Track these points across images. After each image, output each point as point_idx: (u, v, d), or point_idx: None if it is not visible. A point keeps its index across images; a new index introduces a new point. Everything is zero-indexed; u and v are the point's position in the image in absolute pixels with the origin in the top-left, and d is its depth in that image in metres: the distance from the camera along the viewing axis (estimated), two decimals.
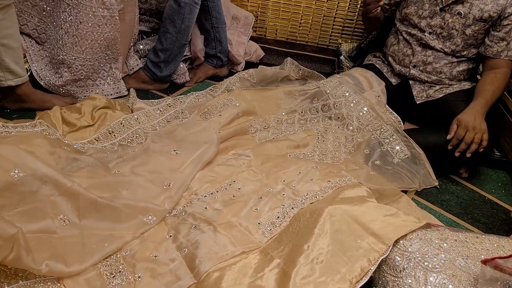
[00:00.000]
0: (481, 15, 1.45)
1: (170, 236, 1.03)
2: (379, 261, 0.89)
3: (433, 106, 1.60)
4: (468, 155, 1.36)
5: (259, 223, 1.07)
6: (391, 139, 1.48)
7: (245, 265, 0.94)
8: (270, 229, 1.05)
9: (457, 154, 1.38)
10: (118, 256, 0.96)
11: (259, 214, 1.10)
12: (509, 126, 1.55)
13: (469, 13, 1.46)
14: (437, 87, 1.61)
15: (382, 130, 1.50)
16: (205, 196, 1.17)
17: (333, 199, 1.10)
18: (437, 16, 1.51)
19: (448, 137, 1.39)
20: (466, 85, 1.60)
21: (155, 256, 0.97)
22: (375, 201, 1.09)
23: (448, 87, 1.60)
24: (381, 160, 1.45)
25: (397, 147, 1.46)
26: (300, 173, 1.26)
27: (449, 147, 1.39)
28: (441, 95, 1.59)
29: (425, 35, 1.55)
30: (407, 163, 1.43)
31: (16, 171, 0.93)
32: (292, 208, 1.11)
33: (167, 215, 1.10)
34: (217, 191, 1.19)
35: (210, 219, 1.05)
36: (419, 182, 1.40)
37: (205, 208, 1.11)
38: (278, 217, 1.08)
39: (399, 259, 0.89)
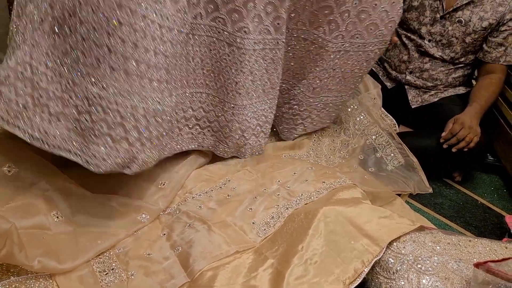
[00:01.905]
0: (481, 23, 1.45)
1: (164, 234, 1.03)
2: (372, 263, 0.89)
3: (428, 110, 1.61)
4: (454, 150, 1.38)
5: (253, 223, 1.06)
6: (386, 145, 1.49)
7: (239, 264, 0.94)
8: (265, 229, 1.05)
9: (445, 146, 1.39)
10: (111, 253, 0.96)
11: (253, 214, 1.09)
12: (503, 130, 1.56)
13: (470, 21, 1.46)
14: (432, 92, 1.61)
15: (377, 135, 1.50)
16: (200, 195, 1.16)
17: (328, 200, 1.10)
18: (438, 23, 1.52)
19: (443, 134, 1.40)
20: (461, 90, 1.61)
21: (149, 254, 0.96)
22: (370, 203, 1.09)
23: (443, 91, 1.61)
24: (375, 167, 1.45)
25: (392, 154, 1.47)
26: (295, 173, 1.26)
27: (441, 140, 1.40)
28: (436, 99, 1.60)
29: (425, 42, 1.55)
30: (401, 170, 1.43)
31: (10, 166, 0.92)
32: (287, 209, 1.11)
33: (161, 213, 1.10)
34: (212, 190, 1.19)
35: (205, 218, 1.05)
36: (413, 187, 1.40)
37: (200, 207, 1.11)
38: (272, 217, 1.08)
39: (392, 261, 0.90)
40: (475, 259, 0.89)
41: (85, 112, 0.85)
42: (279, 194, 1.17)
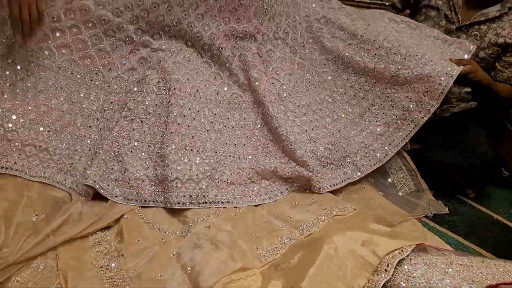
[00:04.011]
0: (496, 39, 1.44)
1: (174, 255, 1.04)
2: (378, 279, 0.90)
3: (439, 124, 1.60)
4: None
5: (257, 247, 1.09)
6: (398, 169, 1.47)
7: (245, 286, 0.96)
8: (269, 255, 1.07)
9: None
10: (125, 275, 0.97)
11: (259, 240, 1.12)
12: (506, 130, 1.54)
13: (485, 36, 1.46)
14: (444, 106, 1.60)
15: (391, 159, 1.46)
16: (209, 216, 1.19)
17: (331, 226, 1.14)
18: (453, 34, 1.51)
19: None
20: (473, 104, 1.59)
21: (161, 276, 0.98)
22: (373, 224, 1.10)
23: (455, 106, 1.60)
24: (385, 192, 1.44)
25: (403, 180, 1.45)
26: (295, 203, 1.30)
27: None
28: (447, 114, 1.59)
29: None
30: (412, 197, 1.42)
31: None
32: (290, 240, 1.13)
33: (171, 234, 1.12)
34: (220, 209, 1.23)
35: (213, 239, 1.07)
36: (429, 209, 1.38)
37: (208, 227, 1.13)
38: (276, 247, 1.11)
39: (404, 284, 0.89)
40: (488, 281, 0.88)
41: None
42: (282, 228, 1.18)
